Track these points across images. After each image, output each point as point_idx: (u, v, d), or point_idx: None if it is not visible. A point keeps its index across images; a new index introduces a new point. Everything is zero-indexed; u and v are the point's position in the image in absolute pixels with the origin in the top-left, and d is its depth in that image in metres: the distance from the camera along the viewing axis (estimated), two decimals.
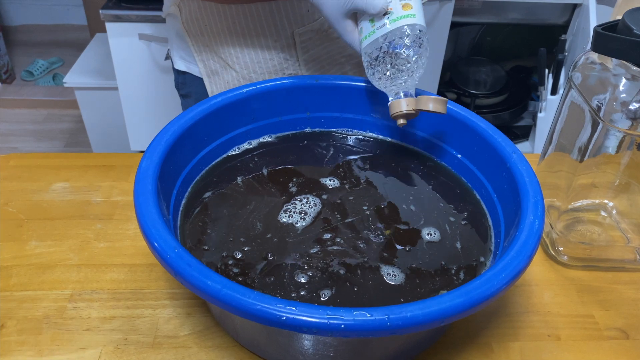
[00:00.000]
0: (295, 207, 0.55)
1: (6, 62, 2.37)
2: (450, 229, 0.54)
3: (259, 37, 0.71)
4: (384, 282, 0.48)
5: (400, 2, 0.54)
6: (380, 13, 0.54)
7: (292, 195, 0.57)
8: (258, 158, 0.62)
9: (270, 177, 0.59)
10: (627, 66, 0.53)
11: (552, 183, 0.65)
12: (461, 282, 0.49)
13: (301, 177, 0.59)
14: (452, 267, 0.50)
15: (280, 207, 0.55)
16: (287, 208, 0.55)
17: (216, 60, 0.74)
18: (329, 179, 0.59)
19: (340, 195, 0.57)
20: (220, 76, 0.75)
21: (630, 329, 0.55)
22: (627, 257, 0.62)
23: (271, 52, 0.72)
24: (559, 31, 1.61)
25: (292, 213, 0.54)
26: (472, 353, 0.52)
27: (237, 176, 0.59)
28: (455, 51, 1.90)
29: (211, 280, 0.39)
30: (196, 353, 0.50)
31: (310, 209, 0.55)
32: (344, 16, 0.56)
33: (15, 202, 0.67)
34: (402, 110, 0.54)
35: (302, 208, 0.55)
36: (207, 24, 0.71)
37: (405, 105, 0.54)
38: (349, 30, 0.57)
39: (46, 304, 0.55)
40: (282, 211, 0.55)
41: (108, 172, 0.72)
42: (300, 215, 0.54)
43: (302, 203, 0.56)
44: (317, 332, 0.37)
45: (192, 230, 0.52)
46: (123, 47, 1.48)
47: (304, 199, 0.56)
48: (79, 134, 2.08)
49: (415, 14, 0.53)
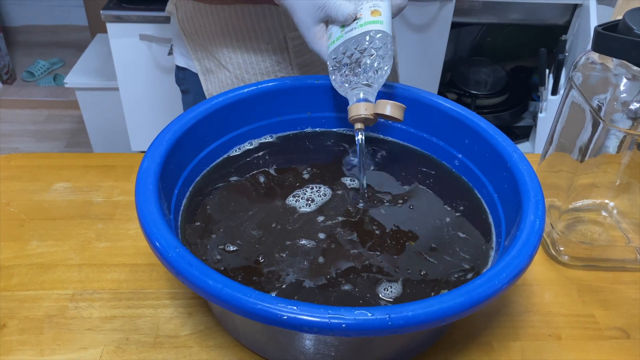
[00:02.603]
0: (300, 201, 0.55)
1: (7, 63, 2.37)
2: (450, 228, 0.54)
3: (251, 39, 0.71)
4: (379, 279, 0.48)
5: (370, 8, 0.55)
6: (349, 20, 0.55)
7: (292, 195, 0.57)
8: (259, 158, 0.62)
9: (270, 176, 0.59)
10: (628, 66, 0.53)
11: (553, 183, 0.65)
12: (462, 281, 0.49)
13: (301, 177, 0.59)
14: (452, 266, 0.50)
15: (280, 206, 0.55)
16: (287, 208, 0.55)
17: (210, 59, 0.75)
18: (331, 179, 0.59)
19: (340, 195, 0.57)
20: (214, 75, 0.76)
21: (630, 328, 0.55)
22: (627, 257, 0.62)
23: (263, 55, 0.73)
24: (559, 31, 1.61)
25: (294, 210, 0.54)
26: (473, 352, 0.52)
27: (237, 176, 0.59)
28: (455, 51, 1.91)
29: (212, 280, 0.39)
30: (197, 353, 0.51)
31: (308, 207, 0.55)
32: (315, 23, 0.57)
33: (17, 202, 0.67)
34: (360, 114, 0.53)
35: (305, 203, 0.55)
36: (201, 24, 0.72)
37: (363, 109, 0.53)
38: (318, 37, 0.57)
39: (47, 303, 0.55)
40: (282, 209, 0.55)
41: (109, 172, 0.72)
42: (300, 213, 0.54)
43: (303, 199, 0.56)
44: (318, 332, 0.37)
45: (193, 229, 0.52)
46: (124, 48, 1.49)
47: (304, 196, 0.56)
48: (80, 135, 2.09)
49: (383, 21, 0.54)
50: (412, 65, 1.59)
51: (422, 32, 1.54)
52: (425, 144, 0.64)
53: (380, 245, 0.52)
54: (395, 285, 0.48)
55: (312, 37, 0.57)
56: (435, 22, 1.52)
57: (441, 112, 0.61)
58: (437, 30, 1.54)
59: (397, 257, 0.50)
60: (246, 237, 0.52)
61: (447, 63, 1.73)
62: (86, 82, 1.66)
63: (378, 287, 0.47)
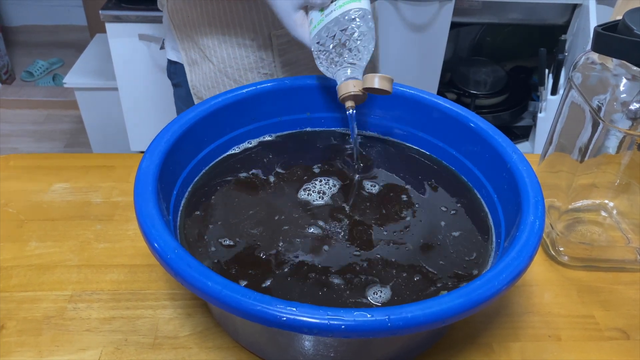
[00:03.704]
0: (310, 195, 0.55)
1: (6, 63, 2.37)
2: (450, 228, 0.54)
3: (237, 34, 0.72)
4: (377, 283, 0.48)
5: None
6: (326, 2, 0.55)
7: (292, 194, 0.57)
8: (258, 157, 0.62)
9: (269, 173, 0.59)
10: (628, 66, 0.53)
11: (553, 183, 0.65)
12: (461, 282, 0.48)
13: (301, 175, 0.59)
14: (452, 267, 0.50)
15: (279, 205, 0.55)
16: (289, 206, 0.55)
17: (196, 51, 0.76)
18: (328, 176, 0.59)
19: (340, 194, 0.57)
20: (199, 66, 0.77)
21: (630, 329, 0.55)
22: (627, 258, 0.62)
23: (247, 50, 0.73)
24: (559, 31, 1.61)
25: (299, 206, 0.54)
26: (473, 353, 0.52)
27: (237, 175, 0.59)
28: (455, 51, 1.91)
29: (211, 281, 0.39)
30: (196, 354, 0.50)
31: (314, 202, 0.55)
32: (295, 10, 0.57)
33: (15, 202, 0.67)
34: (350, 91, 0.54)
35: (313, 199, 0.55)
36: (189, 15, 0.73)
37: (352, 87, 0.54)
38: (298, 24, 0.58)
39: (46, 304, 0.54)
40: (282, 209, 0.55)
41: (108, 173, 0.72)
42: (301, 213, 0.54)
43: (308, 195, 0.56)
44: (317, 333, 0.37)
45: (192, 230, 0.52)
46: (123, 48, 1.48)
47: (304, 193, 0.56)
48: (79, 135, 2.08)
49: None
50: (412, 65, 1.59)
51: (422, 32, 1.54)
52: (424, 144, 0.64)
53: (377, 245, 0.51)
54: (392, 285, 0.47)
55: (293, 24, 0.58)
56: (435, 22, 1.52)
57: (441, 112, 0.61)
58: (436, 30, 1.54)
59: (395, 258, 0.50)
60: (246, 236, 0.52)
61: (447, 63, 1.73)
62: (85, 82, 1.66)
63: (371, 288, 0.47)
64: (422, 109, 0.62)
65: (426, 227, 0.54)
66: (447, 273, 0.49)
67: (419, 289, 0.48)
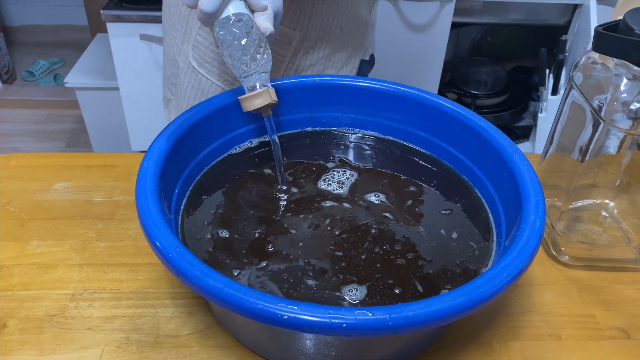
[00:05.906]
0: (313, 195, 0.55)
1: (7, 63, 2.38)
2: (450, 228, 0.54)
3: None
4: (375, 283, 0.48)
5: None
6: None
7: (292, 193, 0.57)
8: (259, 156, 0.62)
9: (271, 176, 0.59)
10: (628, 66, 0.54)
11: (553, 183, 0.65)
12: (462, 281, 0.49)
13: (301, 174, 0.59)
14: (452, 267, 0.50)
15: (279, 205, 0.55)
16: (290, 204, 0.55)
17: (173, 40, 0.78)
18: (329, 176, 0.59)
19: (343, 192, 0.57)
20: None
21: (631, 328, 0.55)
22: (628, 257, 0.62)
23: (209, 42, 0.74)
24: (559, 31, 1.61)
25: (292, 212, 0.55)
26: (473, 352, 0.52)
27: (238, 174, 0.59)
28: (456, 51, 1.91)
29: (213, 280, 0.39)
30: (198, 352, 0.51)
31: (319, 201, 0.55)
32: None
33: (17, 201, 0.67)
34: (267, 102, 0.53)
35: (317, 199, 0.55)
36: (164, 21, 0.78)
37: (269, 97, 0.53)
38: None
39: (48, 303, 0.55)
40: (282, 208, 0.55)
41: (110, 172, 0.72)
42: (301, 214, 0.54)
43: (304, 194, 0.56)
44: (318, 332, 0.37)
45: (193, 229, 0.52)
46: (124, 48, 1.49)
47: (305, 191, 0.56)
48: (80, 134, 2.09)
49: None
50: (412, 65, 1.59)
51: (422, 32, 1.54)
52: (425, 144, 0.64)
53: (377, 244, 0.52)
54: (391, 283, 0.48)
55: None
56: (435, 22, 1.52)
57: (441, 112, 0.61)
58: (437, 30, 1.54)
59: (392, 258, 0.50)
60: (247, 235, 0.52)
61: (447, 63, 1.74)
62: (86, 81, 1.66)
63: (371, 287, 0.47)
64: (422, 109, 0.62)
65: (425, 227, 0.54)
66: (448, 272, 0.49)
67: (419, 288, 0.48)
